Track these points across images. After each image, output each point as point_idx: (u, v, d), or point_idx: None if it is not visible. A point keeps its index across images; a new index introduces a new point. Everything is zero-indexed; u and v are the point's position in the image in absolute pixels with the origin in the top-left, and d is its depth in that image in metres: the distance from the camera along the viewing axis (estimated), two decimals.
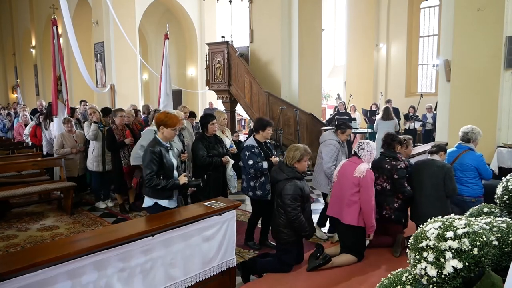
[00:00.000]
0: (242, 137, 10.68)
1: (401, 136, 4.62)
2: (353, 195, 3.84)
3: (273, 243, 4.33)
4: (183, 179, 3.52)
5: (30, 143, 8.02)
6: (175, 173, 3.61)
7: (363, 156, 3.92)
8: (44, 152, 6.99)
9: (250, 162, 4.18)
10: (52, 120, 6.73)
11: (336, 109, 11.34)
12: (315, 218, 4.58)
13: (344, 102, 11.18)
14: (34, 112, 9.93)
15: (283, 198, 3.65)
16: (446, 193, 4.06)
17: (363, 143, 3.99)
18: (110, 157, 5.97)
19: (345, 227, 3.92)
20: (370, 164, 4.00)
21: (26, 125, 8.64)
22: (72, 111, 7.05)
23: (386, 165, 4.18)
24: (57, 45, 6.63)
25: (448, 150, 4.56)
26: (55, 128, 6.66)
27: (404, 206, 4.29)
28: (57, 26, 6.72)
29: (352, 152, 4.11)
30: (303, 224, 3.67)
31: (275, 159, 4.35)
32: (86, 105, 9.42)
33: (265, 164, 4.23)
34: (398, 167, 4.13)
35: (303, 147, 3.83)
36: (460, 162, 4.47)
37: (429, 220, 1.80)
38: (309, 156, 3.85)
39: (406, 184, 4.16)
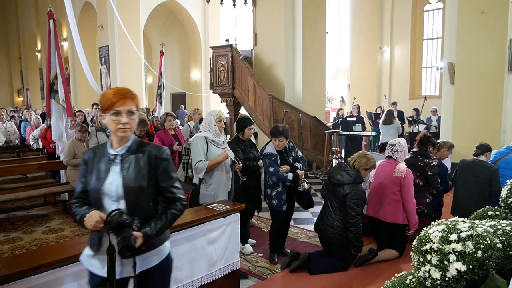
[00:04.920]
0: None
1: (439, 140, 5.07)
2: (395, 194, 3.97)
3: (289, 251, 4.19)
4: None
5: (41, 145, 7.95)
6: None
7: (398, 158, 4.09)
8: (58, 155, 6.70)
9: (271, 169, 4.00)
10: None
11: (350, 112, 11.23)
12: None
13: (358, 105, 11.00)
14: (43, 116, 9.96)
15: (349, 201, 3.64)
16: (491, 193, 4.30)
17: (394, 145, 4.13)
18: None
19: (387, 225, 4.02)
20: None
21: (37, 128, 8.61)
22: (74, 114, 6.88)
23: (419, 163, 4.42)
24: (53, 40, 5.95)
25: (497, 150, 4.81)
26: (53, 132, 6.25)
27: (434, 202, 4.53)
28: (54, 20, 6.02)
29: (385, 156, 4.25)
30: (360, 233, 3.66)
31: (300, 172, 4.08)
32: (99, 109, 9.38)
33: (290, 176, 3.99)
34: (432, 164, 4.39)
35: (374, 159, 3.90)
36: (505, 160, 4.68)
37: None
38: (374, 169, 4.00)
39: (439, 180, 4.42)
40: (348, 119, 9.88)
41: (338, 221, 3.74)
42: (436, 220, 1.85)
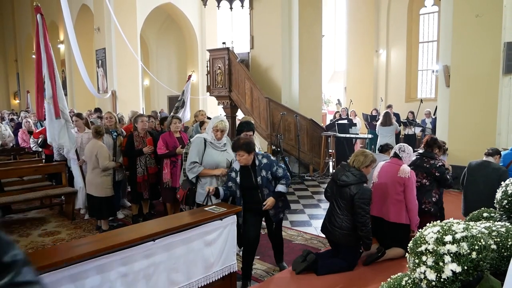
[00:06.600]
0: None
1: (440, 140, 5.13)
2: (398, 194, 4.06)
3: (286, 265, 4.04)
4: None
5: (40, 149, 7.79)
6: None
7: (404, 158, 4.20)
8: (55, 159, 6.62)
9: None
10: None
11: (339, 115, 11.35)
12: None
13: (346, 108, 11.17)
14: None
15: (357, 201, 3.68)
16: None
17: (404, 146, 4.31)
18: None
19: (392, 225, 4.08)
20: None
21: (29, 132, 8.53)
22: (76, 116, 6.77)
23: (425, 164, 4.53)
24: (42, 37, 5.45)
25: (504, 153, 4.85)
26: (48, 134, 5.63)
27: (441, 200, 4.63)
28: (41, 14, 5.50)
29: (392, 154, 4.38)
30: (370, 231, 3.74)
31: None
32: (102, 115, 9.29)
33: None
34: (437, 165, 4.49)
35: (372, 154, 3.94)
36: None
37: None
38: (374, 164, 4.02)
39: (448, 177, 4.50)
40: (340, 121, 9.94)
41: (347, 222, 3.78)
42: (432, 222, 1.86)
